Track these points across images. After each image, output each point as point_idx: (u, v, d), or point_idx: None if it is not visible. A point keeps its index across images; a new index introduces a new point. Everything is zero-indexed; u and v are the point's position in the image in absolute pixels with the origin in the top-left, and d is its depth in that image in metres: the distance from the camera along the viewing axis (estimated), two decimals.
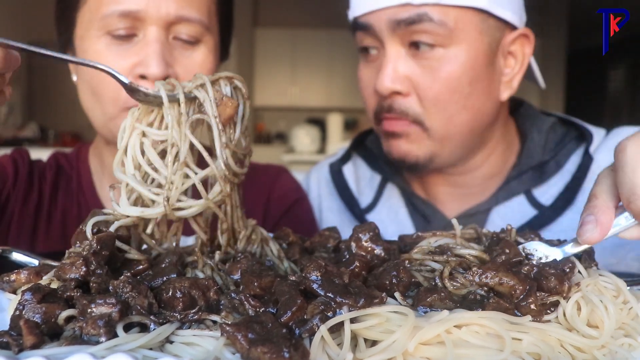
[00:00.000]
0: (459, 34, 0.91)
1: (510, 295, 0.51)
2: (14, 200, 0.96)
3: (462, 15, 0.90)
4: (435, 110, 0.93)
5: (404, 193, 1.10)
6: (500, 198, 1.01)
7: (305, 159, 6.50)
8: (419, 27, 0.90)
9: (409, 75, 0.93)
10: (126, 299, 0.48)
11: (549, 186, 1.00)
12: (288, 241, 0.71)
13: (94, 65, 0.64)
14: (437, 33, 0.90)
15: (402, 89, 0.93)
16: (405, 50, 0.93)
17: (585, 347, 0.48)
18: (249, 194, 1.11)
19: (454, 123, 0.94)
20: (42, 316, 0.46)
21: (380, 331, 0.45)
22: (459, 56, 0.91)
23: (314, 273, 0.49)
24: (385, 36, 0.93)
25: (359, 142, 1.22)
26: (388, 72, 0.92)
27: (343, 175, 1.16)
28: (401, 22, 0.90)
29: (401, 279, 0.53)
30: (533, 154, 1.01)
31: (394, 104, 0.94)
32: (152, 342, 0.44)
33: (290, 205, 1.11)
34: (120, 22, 0.85)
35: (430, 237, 0.65)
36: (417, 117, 0.94)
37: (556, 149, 1.01)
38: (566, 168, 1.00)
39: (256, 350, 0.41)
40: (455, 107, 0.93)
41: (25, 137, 5.93)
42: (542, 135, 1.02)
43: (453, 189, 1.07)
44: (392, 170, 1.11)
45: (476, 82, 0.94)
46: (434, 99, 0.92)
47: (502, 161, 1.05)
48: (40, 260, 0.63)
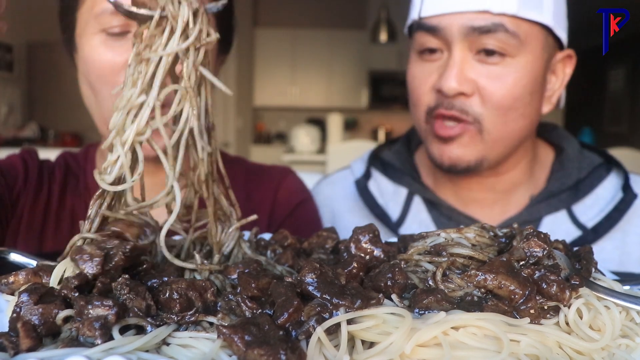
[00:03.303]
0: (527, 47, 0.95)
1: (509, 299, 0.50)
2: (24, 199, 0.97)
3: (531, 29, 0.95)
4: (496, 113, 0.97)
5: (432, 205, 1.12)
6: (543, 210, 1.06)
7: (305, 159, 6.50)
8: (493, 36, 0.93)
9: (474, 79, 0.96)
10: (124, 301, 0.48)
11: (585, 206, 1.05)
12: (285, 244, 0.71)
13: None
14: (508, 43, 0.93)
15: (467, 90, 0.95)
16: (472, 55, 0.96)
17: (585, 349, 0.47)
18: (255, 195, 1.12)
19: (509, 128, 0.99)
20: (39, 317, 0.46)
21: (377, 333, 0.45)
22: (526, 67, 0.96)
23: (309, 275, 0.49)
24: (455, 40, 0.95)
25: (374, 158, 1.23)
26: (455, 74, 0.95)
27: (370, 192, 1.17)
28: (476, 29, 0.93)
29: (396, 281, 0.52)
30: (571, 172, 1.07)
31: (456, 103, 0.97)
32: (149, 344, 0.44)
33: (296, 206, 1.11)
34: (114, 20, 0.86)
35: (429, 237, 0.65)
36: (477, 117, 0.97)
37: (588, 169, 1.07)
38: (598, 192, 1.06)
39: (253, 352, 0.41)
40: (515, 114, 0.98)
41: (25, 137, 5.93)
42: (576, 155, 1.08)
43: (485, 194, 1.10)
44: (418, 183, 1.14)
45: (535, 93, 0.99)
46: (497, 103, 0.96)
47: (530, 170, 1.10)
48: (38, 261, 0.63)
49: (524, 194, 1.10)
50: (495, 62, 0.95)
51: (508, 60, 0.95)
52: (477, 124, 0.97)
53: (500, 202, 1.10)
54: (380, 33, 6.79)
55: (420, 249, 0.60)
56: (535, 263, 0.54)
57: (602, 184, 1.06)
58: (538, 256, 0.55)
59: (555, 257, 0.56)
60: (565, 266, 0.56)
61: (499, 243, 0.62)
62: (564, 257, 0.58)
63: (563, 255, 0.59)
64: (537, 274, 0.53)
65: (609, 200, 1.05)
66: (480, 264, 0.55)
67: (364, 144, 3.99)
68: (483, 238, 0.63)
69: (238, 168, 1.14)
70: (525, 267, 0.54)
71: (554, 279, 0.51)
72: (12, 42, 6.07)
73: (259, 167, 1.18)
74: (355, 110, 8.48)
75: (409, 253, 0.60)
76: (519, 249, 0.55)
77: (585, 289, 0.53)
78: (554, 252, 0.57)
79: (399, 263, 0.57)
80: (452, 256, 0.57)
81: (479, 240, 0.62)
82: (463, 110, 0.96)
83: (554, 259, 0.55)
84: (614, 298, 0.53)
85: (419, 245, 0.61)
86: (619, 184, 1.06)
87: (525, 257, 0.55)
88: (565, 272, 0.55)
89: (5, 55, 6.00)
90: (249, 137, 8.23)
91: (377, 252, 0.61)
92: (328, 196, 1.24)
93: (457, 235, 0.62)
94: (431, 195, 1.12)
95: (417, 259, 0.58)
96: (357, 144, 4.04)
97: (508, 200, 1.10)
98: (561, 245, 0.63)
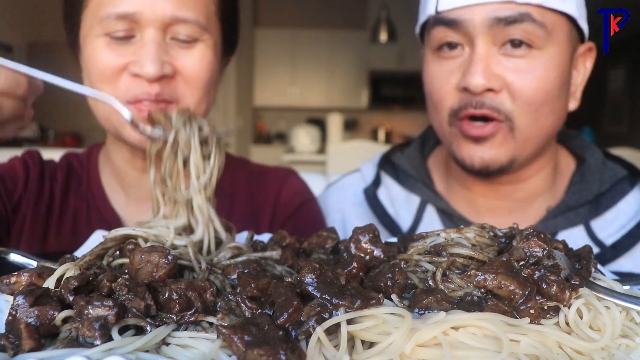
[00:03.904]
0: (553, 38, 0.90)
1: (509, 299, 0.50)
2: (26, 202, 0.98)
3: (556, 19, 0.90)
4: (528, 109, 0.91)
5: (445, 215, 1.08)
6: (559, 225, 1.00)
7: (305, 159, 6.50)
8: (519, 27, 0.88)
9: (501, 74, 0.90)
10: (123, 301, 0.48)
11: (605, 222, 1.00)
12: (284, 244, 0.71)
13: (97, 96, 0.69)
14: (535, 34, 0.89)
15: (495, 85, 0.90)
16: (497, 49, 0.91)
17: (585, 349, 0.47)
18: (258, 196, 1.12)
19: (540, 125, 0.93)
20: (35, 319, 0.46)
21: (377, 333, 0.45)
22: (555, 58, 0.91)
23: (309, 275, 0.49)
24: (478, 33, 0.90)
25: (385, 161, 1.18)
26: (481, 69, 0.89)
27: (379, 201, 1.12)
28: (501, 20, 0.88)
29: (396, 281, 0.52)
30: (592, 185, 1.01)
31: (486, 100, 0.91)
32: (148, 344, 0.44)
33: (298, 206, 1.12)
34: (118, 24, 0.86)
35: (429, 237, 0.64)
36: (509, 115, 0.91)
37: (610, 182, 1.01)
38: (620, 206, 1.00)
39: (252, 352, 0.41)
40: (546, 109, 0.93)
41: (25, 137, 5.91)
42: (599, 167, 1.03)
43: (501, 203, 1.05)
44: (431, 192, 1.09)
45: (564, 87, 0.94)
46: (528, 97, 0.90)
47: (550, 179, 1.05)
48: (38, 261, 0.63)
49: (541, 205, 1.04)
50: (521, 54, 0.90)
51: (535, 53, 0.90)
52: (509, 121, 0.92)
53: (517, 212, 1.04)
54: (380, 33, 6.78)
55: (420, 249, 0.60)
56: (535, 263, 0.54)
57: (625, 199, 1.00)
58: (538, 256, 0.55)
59: (555, 257, 0.56)
60: (565, 266, 0.56)
61: (499, 243, 0.62)
62: (564, 257, 0.58)
63: (563, 255, 0.59)
64: (537, 274, 0.52)
65: (631, 217, 0.98)
66: (480, 264, 0.55)
67: (364, 144, 3.99)
68: (483, 238, 0.63)
69: (241, 169, 1.14)
70: (525, 267, 0.54)
71: (554, 279, 0.51)
72: (12, 42, 6.07)
73: (261, 168, 1.18)
74: (355, 110, 8.47)
75: (408, 253, 0.60)
76: (519, 249, 0.55)
77: (585, 289, 0.53)
78: (554, 252, 0.56)
79: (399, 263, 0.57)
80: (452, 256, 0.57)
81: (478, 240, 0.62)
82: (494, 108, 0.91)
83: (554, 259, 0.55)
84: (614, 298, 0.53)
85: (418, 245, 0.61)
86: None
87: (525, 257, 0.55)
88: (565, 272, 0.55)
89: (5, 55, 5.98)
90: (249, 137, 8.23)
91: (377, 252, 0.61)
92: (338, 200, 1.20)
93: (457, 235, 0.62)
94: (444, 204, 1.07)
95: (417, 259, 0.58)
96: (357, 144, 4.03)
97: (524, 210, 1.04)
98: (561, 245, 0.62)
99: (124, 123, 0.91)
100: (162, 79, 0.88)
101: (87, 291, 0.51)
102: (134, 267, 0.52)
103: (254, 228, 0.82)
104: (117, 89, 0.89)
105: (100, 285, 0.51)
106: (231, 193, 1.09)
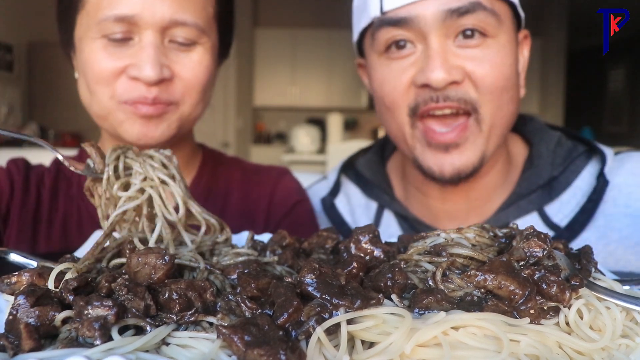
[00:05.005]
0: (503, 25, 0.91)
1: (509, 299, 0.50)
2: (13, 211, 0.98)
3: (502, 6, 0.91)
4: (490, 97, 0.90)
5: (402, 219, 1.06)
6: (511, 215, 0.97)
7: (305, 159, 6.50)
8: (472, 16, 0.87)
9: (460, 64, 0.89)
10: (122, 301, 0.48)
11: (560, 203, 0.97)
12: (284, 244, 0.71)
13: (41, 144, 0.68)
14: (488, 22, 0.88)
15: (457, 77, 0.89)
16: (451, 42, 0.89)
17: (585, 350, 0.47)
18: (252, 195, 1.12)
19: (503, 113, 0.93)
20: (35, 320, 0.46)
21: (377, 333, 0.45)
22: (506, 46, 0.91)
23: (309, 275, 0.49)
24: (431, 28, 0.88)
25: (348, 167, 1.17)
26: (440, 63, 0.87)
27: (337, 210, 1.11)
28: (454, 12, 0.87)
29: (396, 281, 0.52)
30: (542, 170, 0.99)
31: (450, 93, 0.89)
32: (148, 344, 0.44)
33: (292, 206, 1.11)
34: (117, 27, 0.86)
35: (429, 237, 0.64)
36: (474, 104, 0.90)
37: (564, 164, 0.99)
38: (576, 184, 0.98)
39: (252, 352, 0.41)
40: (507, 97, 0.92)
41: None
42: (551, 150, 1.01)
43: (457, 205, 1.02)
44: (389, 197, 1.08)
45: (517, 74, 0.95)
46: (491, 85, 0.90)
47: (505, 171, 1.03)
48: (38, 261, 0.63)
49: (497, 201, 1.01)
50: (476, 44, 0.89)
51: (489, 41, 0.89)
52: (475, 113, 0.90)
53: (474, 213, 1.02)
54: None
55: (420, 249, 0.60)
56: (535, 263, 0.54)
57: (580, 175, 0.98)
58: (538, 256, 0.55)
59: (555, 257, 0.56)
60: (565, 266, 0.56)
61: (499, 243, 0.62)
62: (564, 258, 0.58)
63: (563, 255, 0.59)
64: (537, 274, 0.52)
65: (586, 191, 0.97)
66: (480, 264, 0.55)
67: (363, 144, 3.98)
68: (483, 238, 0.63)
69: (235, 168, 1.14)
70: (525, 267, 0.54)
71: (554, 279, 0.51)
72: (12, 42, 6.07)
73: (255, 167, 1.18)
74: (355, 110, 8.48)
75: (408, 253, 0.60)
76: (519, 249, 0.55)
77: (586, 290, 0.53)
78: (554, 252, 0.56)
79: (399, 263, 0.57)
80: (451, 256, 0.57)
81: (478, 241, 0.62)
82: (461, 99, 0.89)
83: (554, 259, 0.55)
84: (614, 299, 0.53)
85: (418, 245, 0.61)
86: (597, 172, 0.97)
87: (525, 257, 0.55)
88: (565, 272, 0.55)
89: (5, 55, 6.00)
90: (249, 137, 8.23)
91: (377, 252, 0.61)
92: None
93: (457, 236, 0.62)
94: (400, 208, 1.05)
95: (417, 259, 0.58)
96: (357, 144, 4.03)
97: (481, 210, 1.02)
98: (561, 245, 0.63)
99: (121, 121, 0.91)
100: (160, 82, 0.88)
101: (87, 292, 0.51)
102: (132, 270, 0.52)
103: (248, 227, 0.82)
104: (114, 91, 0.89)
105: (99, 286, 0.51)
106: (225, 192, 1.09)
